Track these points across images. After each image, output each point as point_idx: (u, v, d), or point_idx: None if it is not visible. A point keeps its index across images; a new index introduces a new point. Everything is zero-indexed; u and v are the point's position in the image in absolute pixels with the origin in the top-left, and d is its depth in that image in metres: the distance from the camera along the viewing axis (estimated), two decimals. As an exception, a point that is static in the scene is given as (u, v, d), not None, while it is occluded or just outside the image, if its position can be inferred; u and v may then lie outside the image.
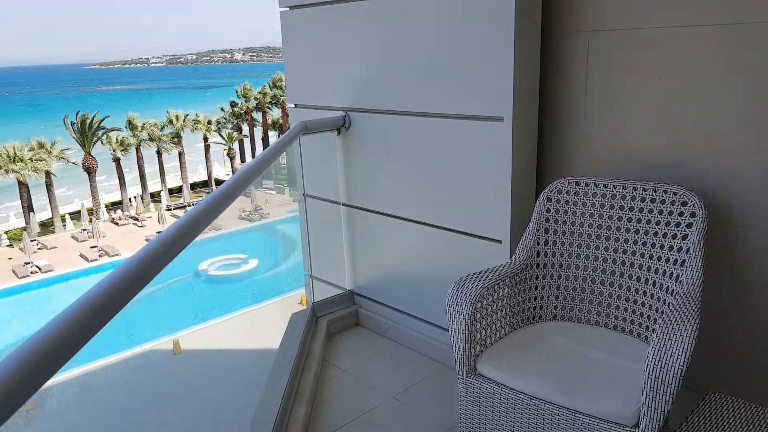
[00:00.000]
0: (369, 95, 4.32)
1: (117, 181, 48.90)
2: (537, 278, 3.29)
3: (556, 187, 3.33)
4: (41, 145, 42.92)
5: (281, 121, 59.79)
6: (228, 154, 55.79)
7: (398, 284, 4.51)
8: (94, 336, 1.52)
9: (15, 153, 40.79)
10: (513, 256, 3.31)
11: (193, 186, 54.15)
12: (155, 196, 50.15)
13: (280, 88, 59.52)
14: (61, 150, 43.94)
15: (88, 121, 46.18)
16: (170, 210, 46.61)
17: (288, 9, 4.72)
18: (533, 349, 2.94)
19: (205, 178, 56.61)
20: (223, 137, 54.50)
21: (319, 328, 4.54)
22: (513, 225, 3.57)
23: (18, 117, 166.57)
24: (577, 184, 3.28)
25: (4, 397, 1.09)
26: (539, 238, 3.31)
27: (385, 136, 4.30)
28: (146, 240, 39.52)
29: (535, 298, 3.28)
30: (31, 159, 41.08)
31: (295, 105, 5.01)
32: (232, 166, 54.43)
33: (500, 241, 3.66)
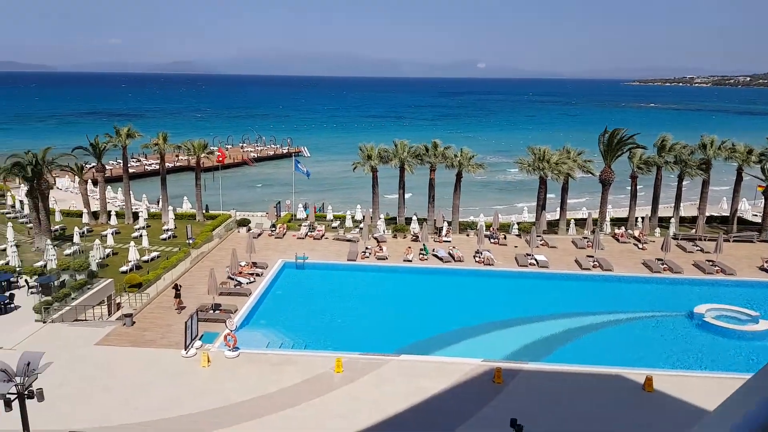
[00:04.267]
0: None
1: (628, 198, 50.34)
2: None
3: None
4: (567, 152, 48.38)
5: None
6: (763, 193, 48.68)
7: None
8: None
9: (544, 155, 47.52)
10: None
11: (709, 220, 50.03)
12: (663, 222, 49.03)
13: None
14: (585, 160, 48.31)
15: (617, 137, 48.89)
16: (677, 239, 44.67)
17: None
18: None
19: (726, 213, 51.29)
20: (763, 172, 47.74)
21: None
22: None
23: (555, 123, 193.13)
24: None
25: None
26: None
27: None
28: (643, 264, 39.36)
29: None
30: (556, 162, 46.94)
31: None
32: (765, 207, 47.20)
33: None
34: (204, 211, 51.02)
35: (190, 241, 42.00)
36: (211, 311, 29.75)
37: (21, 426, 16.19)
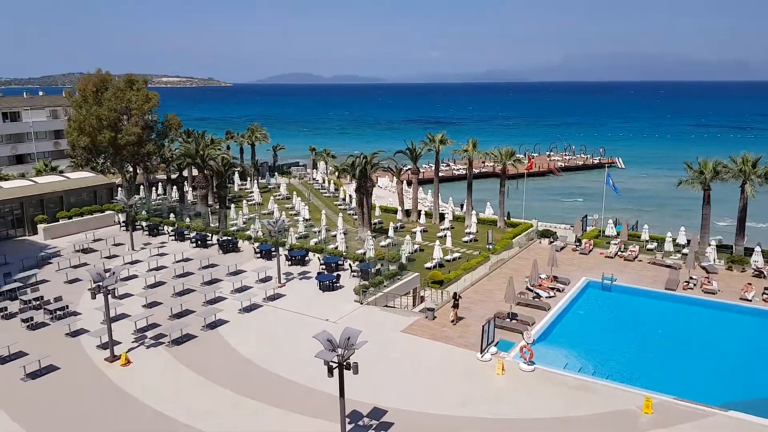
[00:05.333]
0: None
1: None
2: None
3: None
4: None
5: None
6: None
7: None
8: None
9: None
10: None
11: None
12: None
13: None
14: None
15: None
16: None
17: None
18: None
19: None
20: None
21: None
22: None
23: None
24: None
25: None
26: None
27: None
28: None
29: None
30: None
31: None
32: None
33: None
34: (505, 218, 52.04)
35: (490, 247, 43.25)
36: (508, 320, 30.01)
37: (338, 392, 18.72)
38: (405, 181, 65.41)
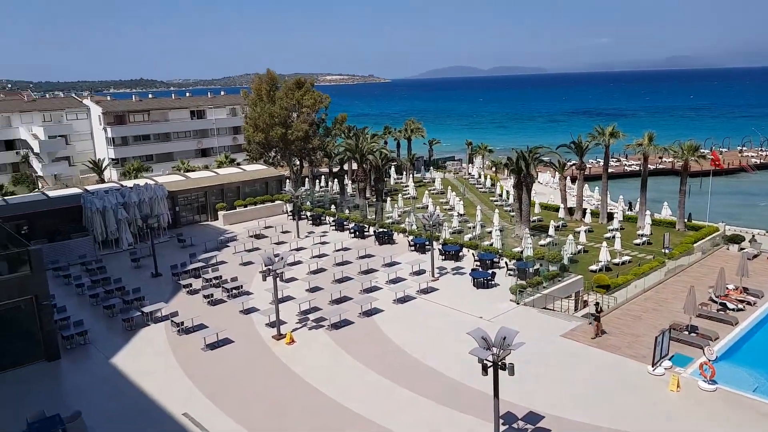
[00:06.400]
0: None
1: None
2: None
3: None
4: None
5: None
6: None
7: None
8: None
9: None
10: None
11: None
12: None
13: None
14: None
15: None
16: None
17: None
18: None
19: None
20: None
21: None
22: None
23: None
24: None
25: None
26: None
27: None
28: None
29: None
30: None
31: None
32: None
33: None
34: (686, 220, 47.62)
35: (667, 251, 39.90)
36: (686, 332, 27.49)
37: (492, 391, 18.54)
38: (569, 177, 62.60)
